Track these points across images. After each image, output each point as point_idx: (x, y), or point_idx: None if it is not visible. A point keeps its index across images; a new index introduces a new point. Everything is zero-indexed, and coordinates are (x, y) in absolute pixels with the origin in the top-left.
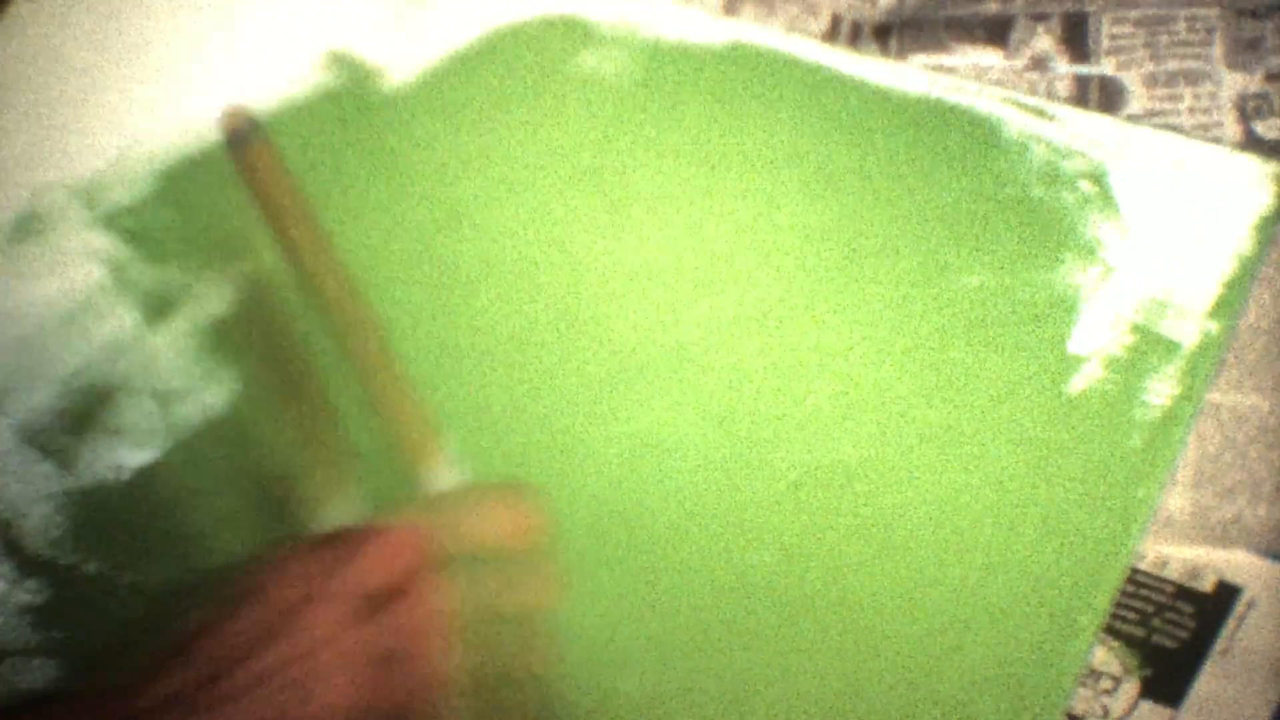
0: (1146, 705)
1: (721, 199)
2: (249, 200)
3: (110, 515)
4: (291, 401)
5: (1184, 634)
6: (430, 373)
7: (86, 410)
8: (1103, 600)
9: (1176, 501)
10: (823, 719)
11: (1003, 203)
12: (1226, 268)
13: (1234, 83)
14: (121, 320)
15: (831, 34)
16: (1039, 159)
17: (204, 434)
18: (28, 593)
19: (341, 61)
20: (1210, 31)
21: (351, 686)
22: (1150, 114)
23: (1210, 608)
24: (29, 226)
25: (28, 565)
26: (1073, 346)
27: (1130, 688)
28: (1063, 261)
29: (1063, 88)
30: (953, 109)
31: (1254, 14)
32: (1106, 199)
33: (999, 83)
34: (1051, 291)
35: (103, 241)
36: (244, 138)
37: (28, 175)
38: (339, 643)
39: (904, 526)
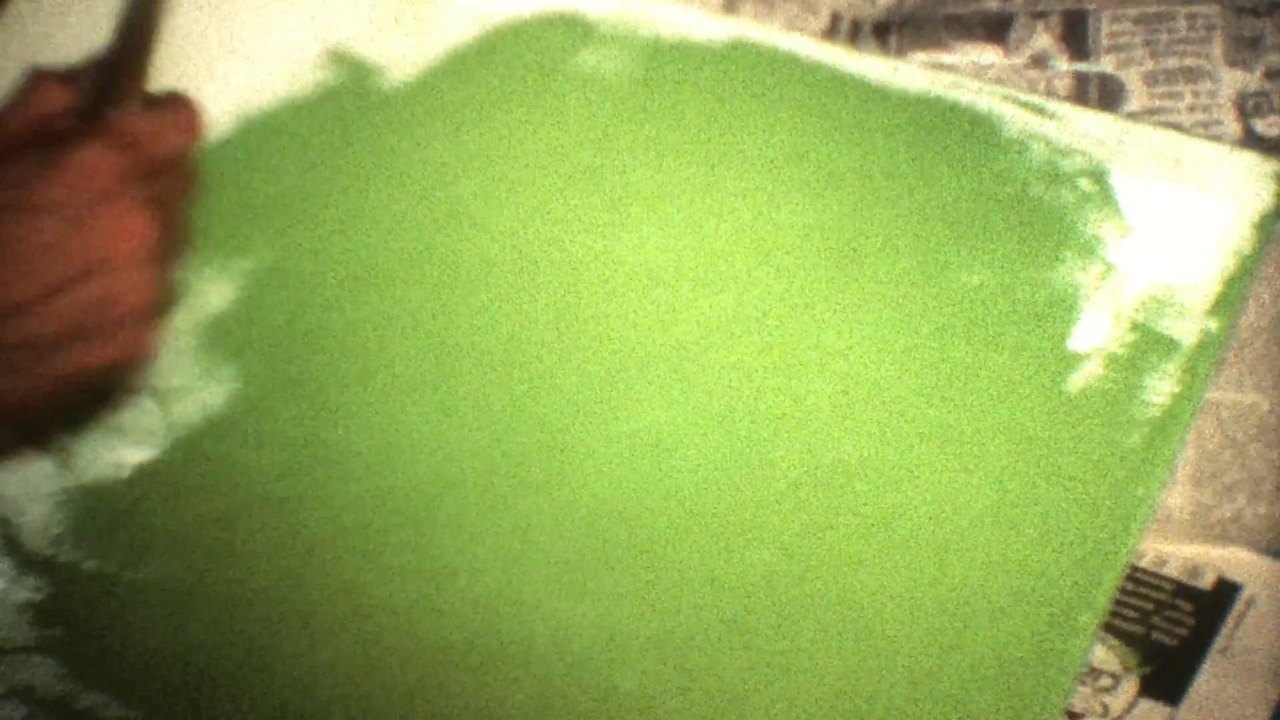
0: (1146, 703)
1: (721, 198)
2: None
3: (110, 513)
4: None
5: (1183, 632)
6: (430, 372)
7: (86, 407)
8: (1102, 598)
9: (1176, 499)
10: (823, 718)
11: (1002, 201)
12: (1226, 265)
13: (1234, 80)
14: None
15: (831, 32)
16: (1039, 157)
17: (204, 431)
18: (27, 590)
19: (341, 60)
20: (1210, 29)
21: (52, 265)
22: (1150, 112)
23: (1210, 605)
24: None
25: (27, 563)
26: (1072, 344)
27: (1129, 685)
28: (1062, 259)
29: (1062, 85)
30: (952, 107)
31: (1254, 11)
32: (1106, 197)
33: (999, 81)
34: (1051, 289)
35: None
36: None
37: None
38: (29, 201)
39: (904, 525)
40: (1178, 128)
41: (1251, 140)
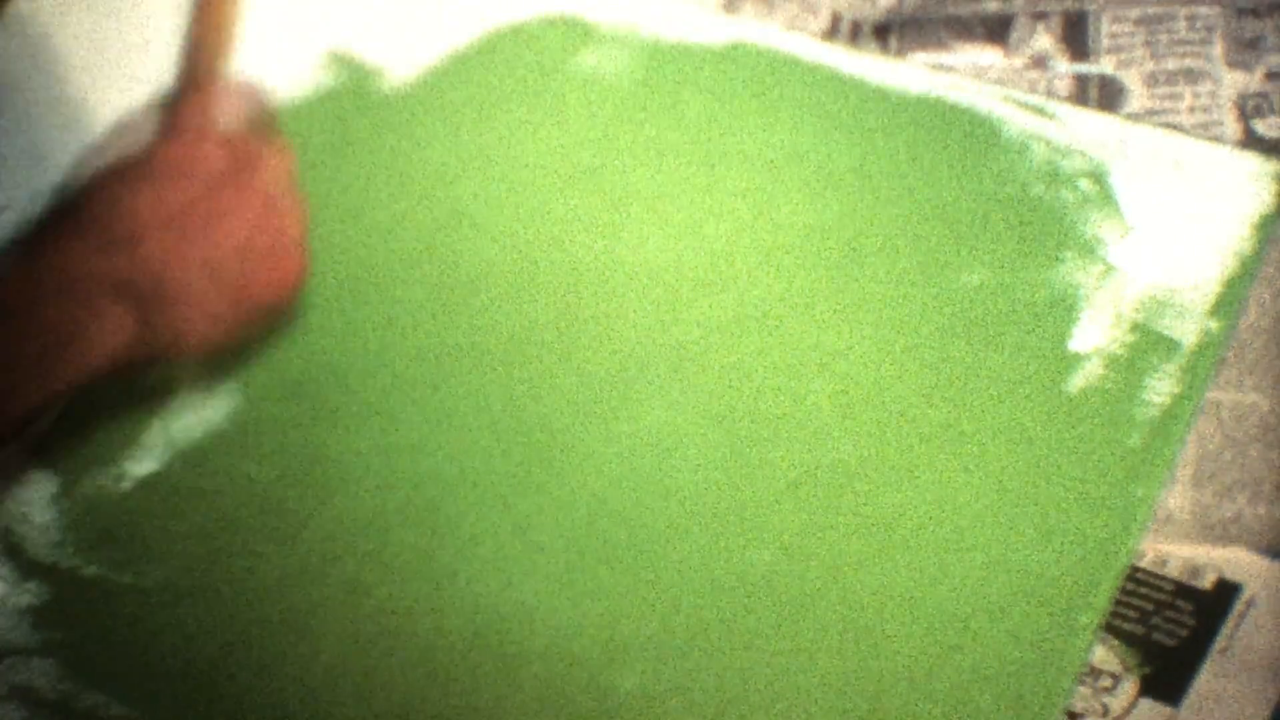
0: (1146, 703)
1: (721, 198)
2: None
3: (111, 521)
4: None
5: (1184, 632)
6: (430, 372)
7: (89, 418)
8: (1102, 598)
9: (1176, 500)
10: (823, 717)
11: (1003, 201)
12: (1226, 266)
13: (1234, 81)
14: None
15: (831, 32)
16: (1039, 158)
17: (205, 438)
18: (28, 594)
19: (342, 61)
20: (1210, 30)
21: (240, 230)
22: (1150, 113)
23: (1210, 606)
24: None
25: (28, 568)
26: (1073, 345)
27: (1130, 686)
28: (1063, 260)
29: (1063, 86)
30: (953, 108)
31: (1254, 13)
32: (1106, 197)
33: (999, 81)
34: (1051, 290)
35: None
36: None
37: (28, 175)
38: (227, 188)
39: (904, 525)
40: (1178, 129)
41: (1252, 141)
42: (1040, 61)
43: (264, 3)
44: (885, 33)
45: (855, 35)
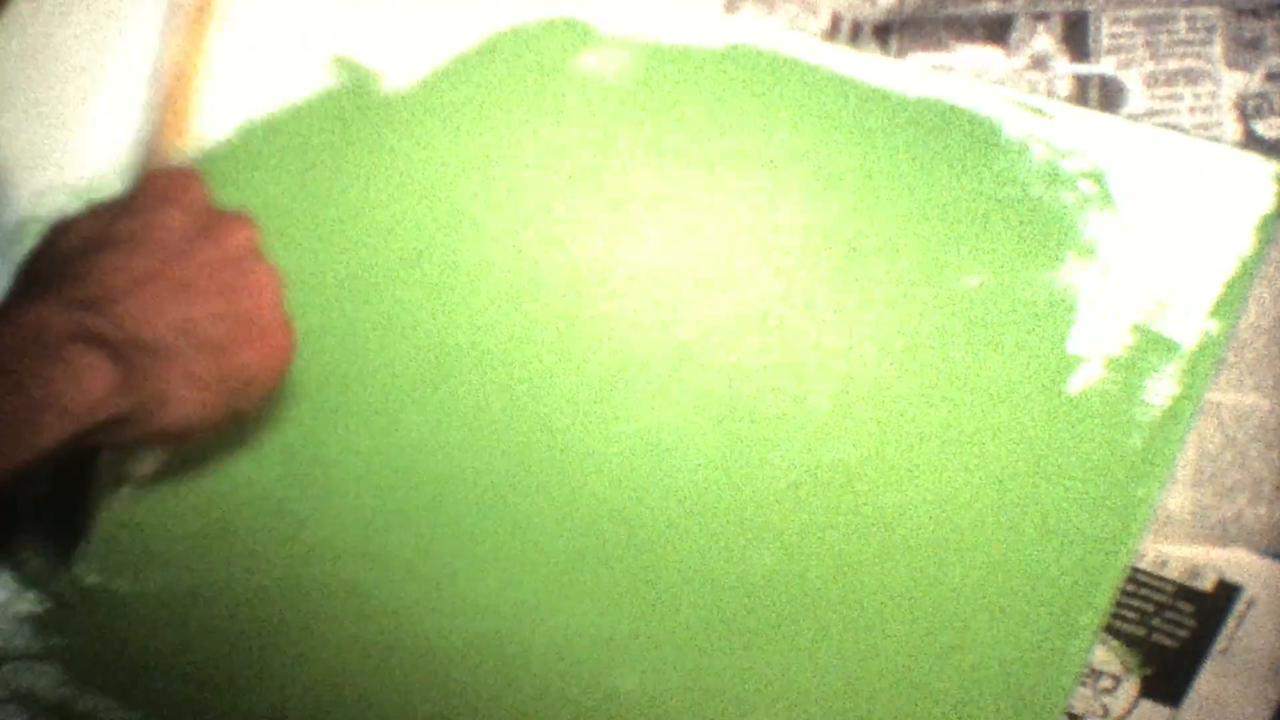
0: (1147, 704)
1: (721, 199)
2: None
3: (112, 526)
4: None
5: (1184, 633)
6: (430, 372)
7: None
8: (1103, 599)
9: (1176, 500)
10: (823, 717)
11: (1003, 202)
12: (1227, 267)
13: (1234, 82)
14: None
15: (832, 33)
16: (1039, 158)
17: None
18: (29, 602)
19: (342, 63)
20: (1210, 30)
21: (214, 295)
22: (1150, 113)
23: (1210, 607)
24: (30, 229)
25: (30, 576)
26: (1072, 346)
27: (1130, 687)
28: (1062, 261)
29: (1063, 87)
30: (953, 108)
31: (1254, 13)
32: (1106, 198)
33: (999, 82)
34: (1051, 291)
35: None
36: None
37: (28, 176)
38: (195, 254)
39: (904, 526)
40: (1178, 129)
41: (1252, 142)
42: (1040, 62)
43: (268, 8)
44: (885, 33)
45: (855, 35)
